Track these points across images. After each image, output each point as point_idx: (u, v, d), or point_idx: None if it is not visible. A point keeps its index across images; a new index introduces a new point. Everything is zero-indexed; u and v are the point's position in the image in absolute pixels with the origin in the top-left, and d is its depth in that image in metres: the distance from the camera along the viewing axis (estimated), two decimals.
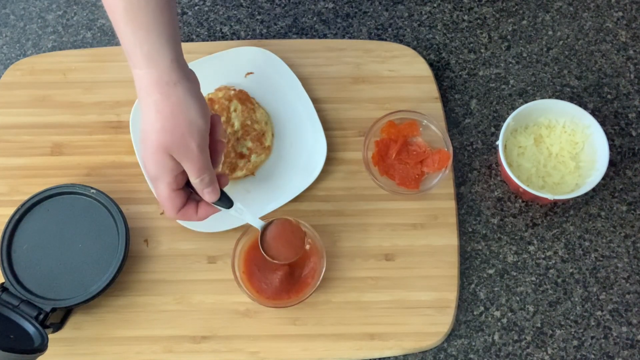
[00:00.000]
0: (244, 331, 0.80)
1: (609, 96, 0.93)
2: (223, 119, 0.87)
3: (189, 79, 0.69)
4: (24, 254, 0.78)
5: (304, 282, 0.80)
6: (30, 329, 0.74)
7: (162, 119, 0.67)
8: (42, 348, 0.72)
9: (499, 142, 0.83)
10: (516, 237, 0.85)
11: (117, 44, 0.89)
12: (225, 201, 0.75)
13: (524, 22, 0.97)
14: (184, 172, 0.71)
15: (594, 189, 0.84)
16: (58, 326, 0.79)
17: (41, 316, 0.75)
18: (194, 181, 0.71)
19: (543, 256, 0.85)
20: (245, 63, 0.91)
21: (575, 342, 0.81)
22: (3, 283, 0.77)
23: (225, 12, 0.98)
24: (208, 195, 0.72)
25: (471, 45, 0.96)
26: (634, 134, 0.91)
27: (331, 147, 0.88)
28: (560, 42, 0.96)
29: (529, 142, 0.85)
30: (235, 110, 0.88)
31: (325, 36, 0.96)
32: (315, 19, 0.97)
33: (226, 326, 0.80)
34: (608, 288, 0.83)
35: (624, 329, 0.81)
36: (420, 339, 0.79)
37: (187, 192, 0.73)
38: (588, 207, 0.87)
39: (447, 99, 0.92)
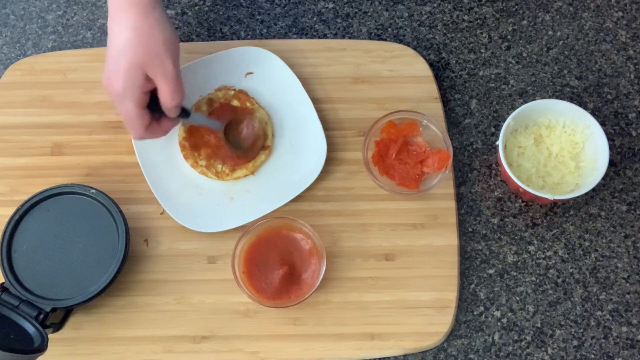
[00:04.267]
0: (244, 331, 0.80)
1: (609, 96, 0.93)
2: None
3: (163, 7, 0.76)
4: (24, 254, 0.78)
5: (304, 282, 0.80)
6: (30, 329, 0.73)
7: (139, 37, 0.71)
8: (42, 348, 0.72)
9: (499, 142, 0.83)
10: (516, 237, 0.85)
11: None
12: (184, 113, 0.80)
13: (524, 22, 0.97)
14: (147, 93, 0.74)
15: (594, 189, 0.84)
16: (58, 326, 0.79)
17: (41, 316, 0.75)
18: (167, 99, 0.74)
19: (543, 256, 0.85)
20: (245, 63, 0.91)
21: (575, 342, 0.81)
22: (3, 283, 0.77)
23: (225, 12, 0.98)
24: (174, 111, 0.77)
25: (471, 45, 0.96)
26: (634, 134, 0.91)
27: (331, 147, 0.88)
28: (560, 42, 0.96)
29: (529, 142, 0.85)
30: None
31: (325, 36, 0.96)
32: (315, 19, 0.97)
33: (226, 326, 0.80)
34: (608, 288, 0.83)
35: (624, 329, 0.81)
36: (420, 339, 0.79)
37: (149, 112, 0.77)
38: (588, 207, 0.87)
39: (447, 99, 0.92)
